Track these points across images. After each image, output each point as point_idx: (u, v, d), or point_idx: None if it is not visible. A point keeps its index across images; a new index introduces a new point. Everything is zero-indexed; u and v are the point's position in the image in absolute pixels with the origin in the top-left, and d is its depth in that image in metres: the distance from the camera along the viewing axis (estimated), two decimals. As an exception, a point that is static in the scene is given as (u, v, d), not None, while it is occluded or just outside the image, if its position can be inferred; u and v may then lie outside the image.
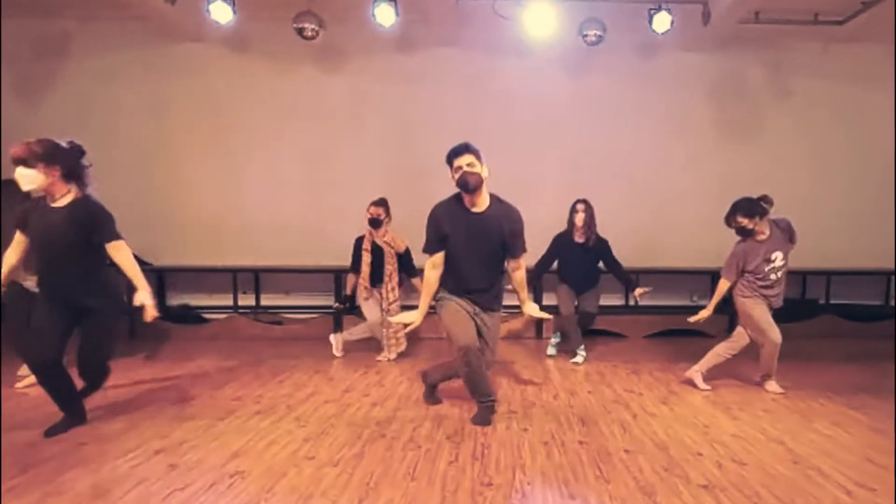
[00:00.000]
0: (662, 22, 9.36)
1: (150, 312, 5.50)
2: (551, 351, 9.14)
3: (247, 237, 10.91)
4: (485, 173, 5.67)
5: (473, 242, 5.78)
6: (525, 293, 6.28)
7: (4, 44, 10.39)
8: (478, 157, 5.63)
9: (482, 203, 5.79)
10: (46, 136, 5.32)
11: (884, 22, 9.77)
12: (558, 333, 9.28)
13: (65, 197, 5.36)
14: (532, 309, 6.29)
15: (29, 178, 5.19)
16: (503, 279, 6.13)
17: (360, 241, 8.66)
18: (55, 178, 5.27)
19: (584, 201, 8.69)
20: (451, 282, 5.93)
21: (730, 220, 6.93)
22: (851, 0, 9.55)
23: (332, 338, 9.05)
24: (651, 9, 9.35)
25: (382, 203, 8.54)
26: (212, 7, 9.11)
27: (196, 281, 10.91)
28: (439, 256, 5.80)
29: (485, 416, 5.98)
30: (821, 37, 10.65)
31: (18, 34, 10.48)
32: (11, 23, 10.25)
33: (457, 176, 5.63)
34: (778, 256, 6.88)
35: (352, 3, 9.66)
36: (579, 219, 8.61)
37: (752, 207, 6.82)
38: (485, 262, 5.91)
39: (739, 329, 7.24)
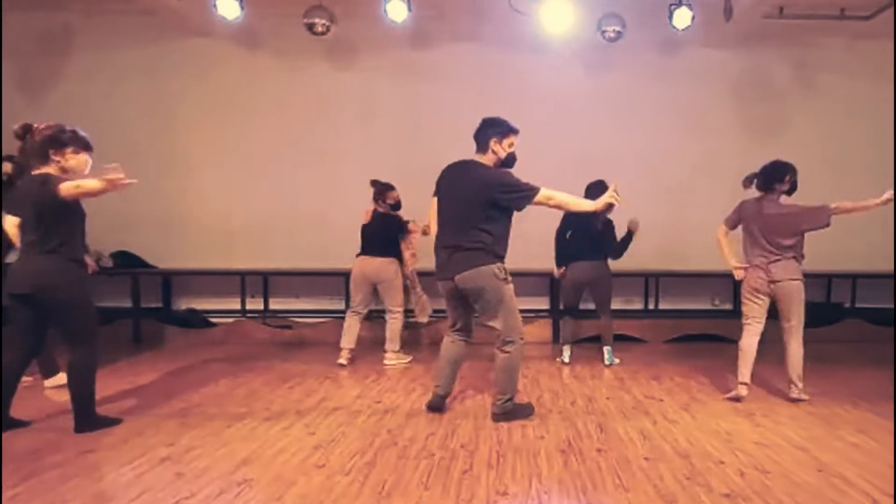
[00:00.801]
0: (683, 17, 9.31)
1: None
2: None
3: (255, 239, 10.93)
4: None
5: None
6: None
7: (7, 37, 10.36)
8: None
9: None
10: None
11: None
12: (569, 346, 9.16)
13: None
14: None
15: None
16: None
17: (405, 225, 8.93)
18: None
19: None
20: (504, 252, 6.18)
21: (786, 177, 6.95)
22: (878, -6, 9.53)
23: (342, 360, 8.81)
24: (671, 4, 9.32)
25: (391, 185, 8.86)
26: (218, 3, 9.09)
27: (203, 284, 10.94)
28: None
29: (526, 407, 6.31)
30: (846, 32, 10.61)
31: (22, 28, 10.51)
32: (15, 16, 10.21)
33: (511, 150, 6.26)
34: None
35: (363, -2, 9.66)
36: None
37: None
38: None
39: (756, 316, 6.99)
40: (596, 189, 8.22)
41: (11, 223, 5.95)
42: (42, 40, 10.69)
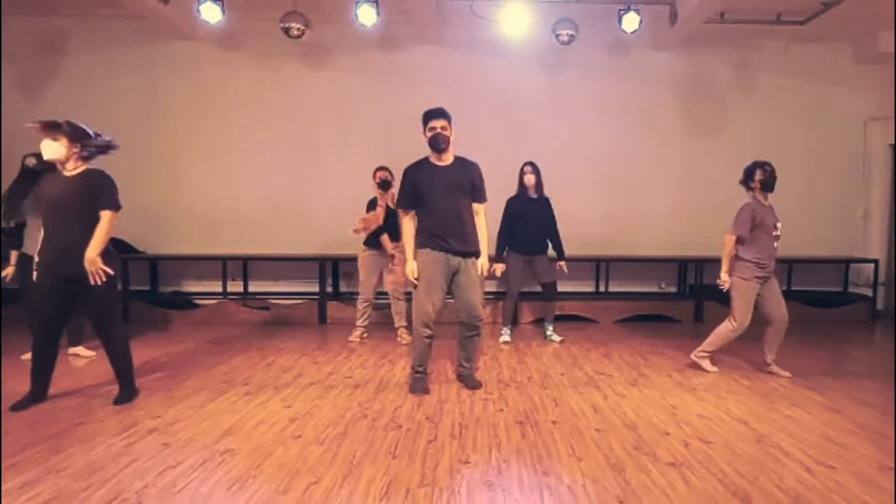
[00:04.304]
0: (631, 22, 9.37)
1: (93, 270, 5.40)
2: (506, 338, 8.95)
3: (237, 227, 10.92)
4: (453, 137, 6.19)
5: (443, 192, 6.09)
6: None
7: (6, 41, 10.45)
8: (450, 122, 6.16)
9: (448, 159, 6.19)
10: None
11: (842, 22, 9.87)
12: (509, 328, 9.05)
13: (77, 169, 5.58)
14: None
15: (52, 149, 5.47)
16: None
17: (374, 200, 8.63)
18: (74, 154, 5.54)
19: (532, 163, 8.73)
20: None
21: (756, 172, 6.98)
22: (812, 1, 9.58)
23: (353, 337, 8.79)
24: (620, 9, 9.36)
25: (386, 168, 8.60)
26: (202, 7, 9.07)
27: (187, 268, 10.92)
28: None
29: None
30: (783, 36, 10.74)
31: (20, 32, 10.56)
32: (13, 20, 10.34)
33: (430, 135, 6.12)
34: (779, 226, 6.94)
35: (336, 4, 9.65)
36: (529, 179, 8.59)
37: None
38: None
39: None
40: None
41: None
42: (39, 43, 10.65)
